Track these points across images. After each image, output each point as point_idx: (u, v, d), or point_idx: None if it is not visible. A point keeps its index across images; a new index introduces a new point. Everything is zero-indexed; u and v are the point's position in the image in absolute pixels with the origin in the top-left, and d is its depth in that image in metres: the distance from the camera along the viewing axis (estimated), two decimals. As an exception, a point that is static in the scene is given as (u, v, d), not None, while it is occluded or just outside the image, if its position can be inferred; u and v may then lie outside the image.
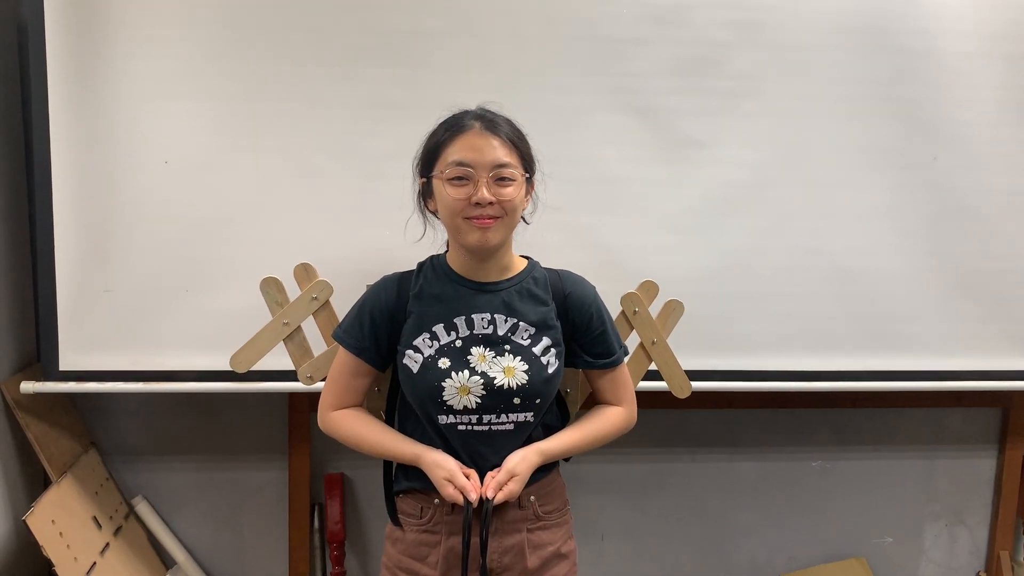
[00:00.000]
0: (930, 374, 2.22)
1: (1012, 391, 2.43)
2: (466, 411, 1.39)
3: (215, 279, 1.95)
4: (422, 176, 1.44)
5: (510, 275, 1.46)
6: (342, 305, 1.57)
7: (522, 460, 1.40)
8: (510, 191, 1.36)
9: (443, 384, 1.38)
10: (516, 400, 1.40)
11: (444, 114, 1.43)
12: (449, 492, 1.36)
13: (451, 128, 1.39)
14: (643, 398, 1.62)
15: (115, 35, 1.88)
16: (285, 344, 1.65)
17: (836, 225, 2.14)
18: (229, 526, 2.38)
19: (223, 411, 2.30)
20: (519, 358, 1.41)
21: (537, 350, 1.42)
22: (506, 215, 1.37)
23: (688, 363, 1.81)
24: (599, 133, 2.03)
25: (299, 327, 1.64)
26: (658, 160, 2.06)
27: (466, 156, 1.35)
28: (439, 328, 1.41)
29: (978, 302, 2.22)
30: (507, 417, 1.41)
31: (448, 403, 1.39)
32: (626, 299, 1.68)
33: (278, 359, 1.92)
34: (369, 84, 1.95)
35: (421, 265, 1.49)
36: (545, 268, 1.51)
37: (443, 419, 1.40)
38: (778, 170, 2.10)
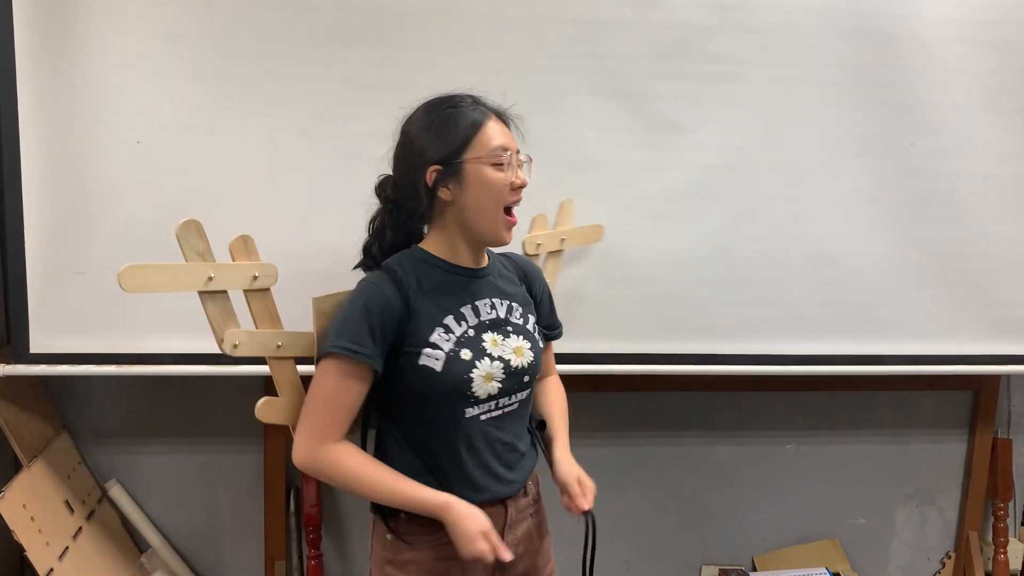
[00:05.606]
0: (904, 358, 2.24)
1: (983, 375, 2.47)
2: (489, 398, 1.38)
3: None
4: (443, 164, 1.33)
5: (485, 262, 1.46)
6: (315, 283, 1.46)
7: (570, 462, 1.48)
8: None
9: (471, 375, 1.34)
10: (525, 379, 1.42)
11: (431, 96, 1.40)
12: (482, 547, 1.25)
13: (476, 114, 1.35)
14: (620, 381, 1.63)
15: (86, 11, 1.83)
16: (204, 302, 1.40)
17: (813, 210, 2.14)
18: (204, 510, 2.36)
19: (197, 394, 2.28)
20: (521, 337, 1.43)
21: (530, 327, 1.46)
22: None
23: (664, 347, 1.82)
24: (577, 116, 2.02)
25: (226, 292, 1.41)
26: (636, 143, 2.05)
27: (506, 142, 1.35)
28: (450, 320, 1.36)
29: (952, 287, 2.24)
30: (515, 397, 1.42)
31: (475, 394, 1.35)
32: (528, 241, 1.87)
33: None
34: (346, 64, 1.92)
35: (399, 261, 1.39)
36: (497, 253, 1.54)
37: (470, 411, 1.36)
38: (757, 154, 2.10)
